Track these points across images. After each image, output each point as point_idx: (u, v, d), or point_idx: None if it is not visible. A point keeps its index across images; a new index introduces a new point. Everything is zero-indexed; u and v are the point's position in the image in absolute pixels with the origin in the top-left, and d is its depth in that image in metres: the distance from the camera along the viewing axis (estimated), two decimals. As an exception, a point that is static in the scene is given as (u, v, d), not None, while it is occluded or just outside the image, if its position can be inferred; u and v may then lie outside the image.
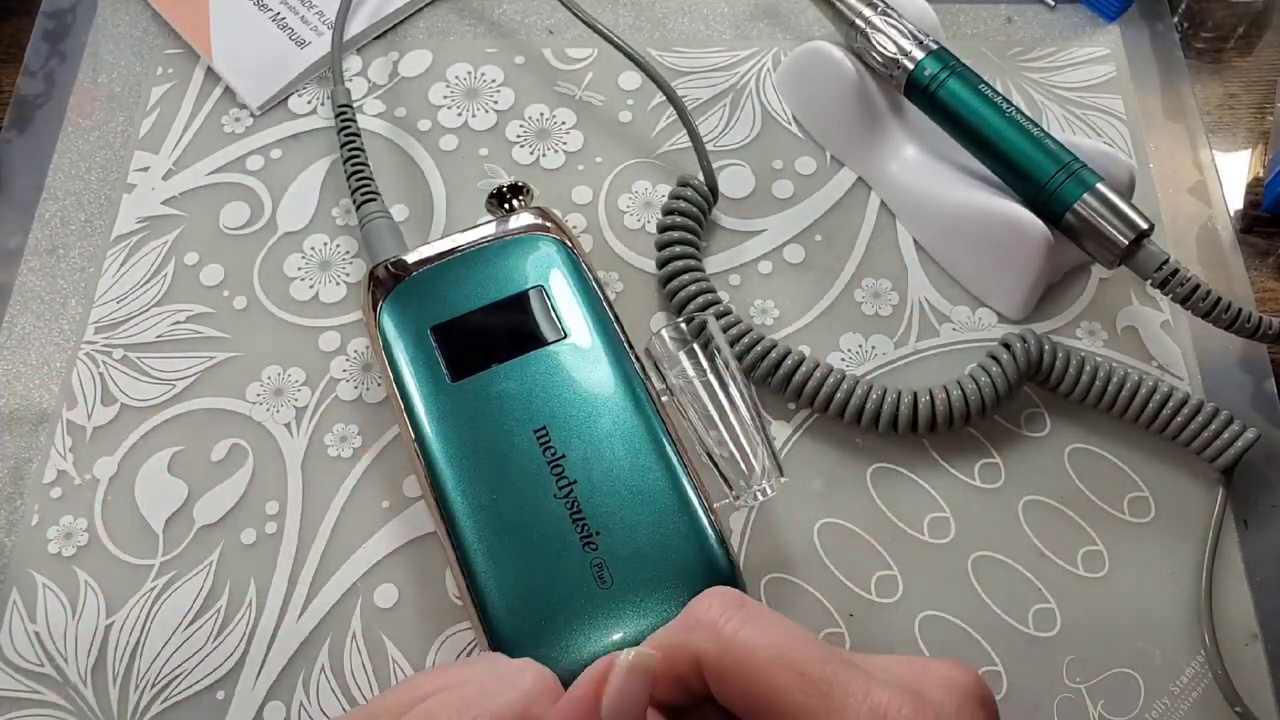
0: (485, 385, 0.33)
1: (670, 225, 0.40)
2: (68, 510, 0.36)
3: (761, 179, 0.43)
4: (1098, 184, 0.36)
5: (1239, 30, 0.47)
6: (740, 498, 0.33)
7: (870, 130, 0.41)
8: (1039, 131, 0.37)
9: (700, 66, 0.45)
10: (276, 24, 0.46)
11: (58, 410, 0.38)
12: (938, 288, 0.40)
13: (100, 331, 0.39)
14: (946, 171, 0.40)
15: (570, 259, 0.36)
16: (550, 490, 0.32)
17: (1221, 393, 0.38)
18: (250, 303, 0.40)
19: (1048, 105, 0.44)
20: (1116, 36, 0.46)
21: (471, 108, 0.44)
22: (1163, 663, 0.34)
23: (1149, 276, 0.36)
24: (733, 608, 0.23)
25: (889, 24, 0.39)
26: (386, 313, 0.35)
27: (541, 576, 0.31)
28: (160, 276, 0.40)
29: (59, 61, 0.45)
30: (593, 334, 0.34)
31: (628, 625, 0.30)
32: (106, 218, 0.41)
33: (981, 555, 0.36)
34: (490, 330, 0.34)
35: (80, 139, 0.43)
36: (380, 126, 0.43)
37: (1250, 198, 0.43)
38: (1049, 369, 0.37)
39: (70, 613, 0.34)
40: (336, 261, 0.41)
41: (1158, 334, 0.39)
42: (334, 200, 0.42)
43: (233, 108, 0.44)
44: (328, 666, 0.34)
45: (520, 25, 0.46)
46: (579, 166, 0.43)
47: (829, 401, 0.36)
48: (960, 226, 0.39)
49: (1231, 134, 0.45)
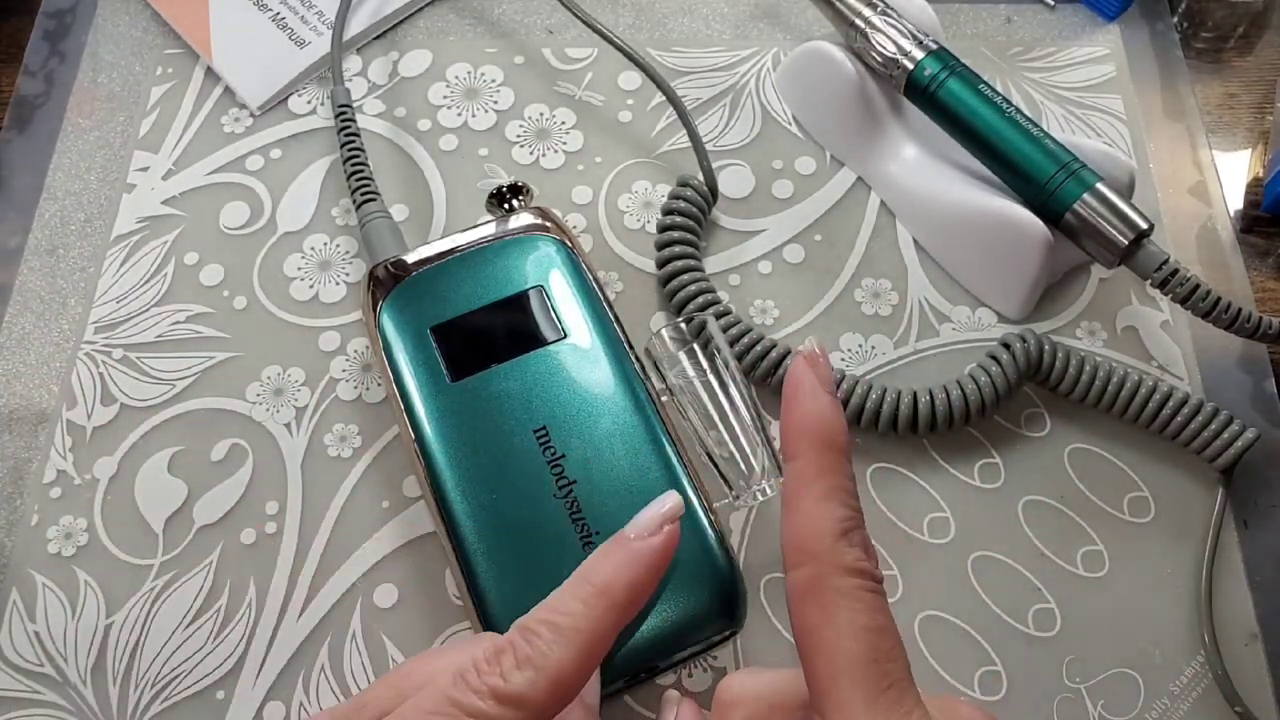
0: (485, 385, 0.33)
1: (670, 225, 0.40)
2: (67, 510, 0.36)
3: (761, 179, 0.43)
4: (1097, 184, 0.36)
5: (1239, 30, 0.47)
6: (740, 498, 0.33)
7: (870, 130, 0.41)
8: (1039, 131, 0.37)
9: (700, 66, 0.45)
10: (276, 24, 0.46)
11: (57, 410, 0.38)
12: (938, 288, 0.40)
13: (100, 331, 0.39)
14: (946, 171, 0.40)
15: (570, 259, 0.36)
16: (550, 490, 0.32)
17: (1221, 393, 0.38)
18: (250, 303, 0.40)
19: (1047, 105, 0.44)
20: (1116, 36, 0.46)
21: (471, 108, 0.44)
22: (1162, 663, 0.34)
23: (1149, 276, 0.36)
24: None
25: (889, 24, 0.39)
26: (386, 313, 0.35)
27: (541, 576, 0.31)
28: (160, 276, 0.40)
29: (59, 61, 0.45)
30: (593, 334, 0.34)
31: (628, 625, 0.30)
32: (106, 217, 0.41)
33: (981, 555, 0.36)
34: (490, 330, 0.34)
35: (80, 139, 0.43)
36: (380, 126, 0.44)
37: (1250, 198, 0.43)
38: (1049, 369, 0.37)
39: (70, 613, 0.34)
40: (336, 261, 0.41)
41: (1158, 334, 0.39)
42: (334, 200, 0.42)
43: (232, 107, 0.44)
44: (327, 666, 0.34)
45: (520, 25, 0.46)
46: (579, 166, 0.43)
47: (829, 401, 0.36)
48: (960, 226, 0.39)
49: (1231, 134, 0.45)
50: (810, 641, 0.23)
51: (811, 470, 0.24)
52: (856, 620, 0.22)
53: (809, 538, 0.23)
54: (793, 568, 0.24)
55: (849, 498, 0.24)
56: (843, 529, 0.23)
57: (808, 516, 0.24)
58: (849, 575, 0.23)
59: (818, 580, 0.23)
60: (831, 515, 0.23)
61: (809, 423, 0.24)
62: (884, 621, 0.23)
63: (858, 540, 0.23)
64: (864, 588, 0.23)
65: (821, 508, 0.23)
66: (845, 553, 0.23)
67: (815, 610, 0.23)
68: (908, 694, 0.22)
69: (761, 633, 0.34)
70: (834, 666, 0.22)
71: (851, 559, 0.23)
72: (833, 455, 0.24)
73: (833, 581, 0.23)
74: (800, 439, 0.24)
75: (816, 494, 0.24)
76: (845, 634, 0.22)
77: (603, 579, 0.25)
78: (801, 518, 0.24)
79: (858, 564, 0.23)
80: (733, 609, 0.31)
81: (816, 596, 0.23)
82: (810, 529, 0.23)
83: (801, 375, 0.25)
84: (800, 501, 0.24)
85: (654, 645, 0.30)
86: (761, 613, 0.35)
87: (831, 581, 0.23)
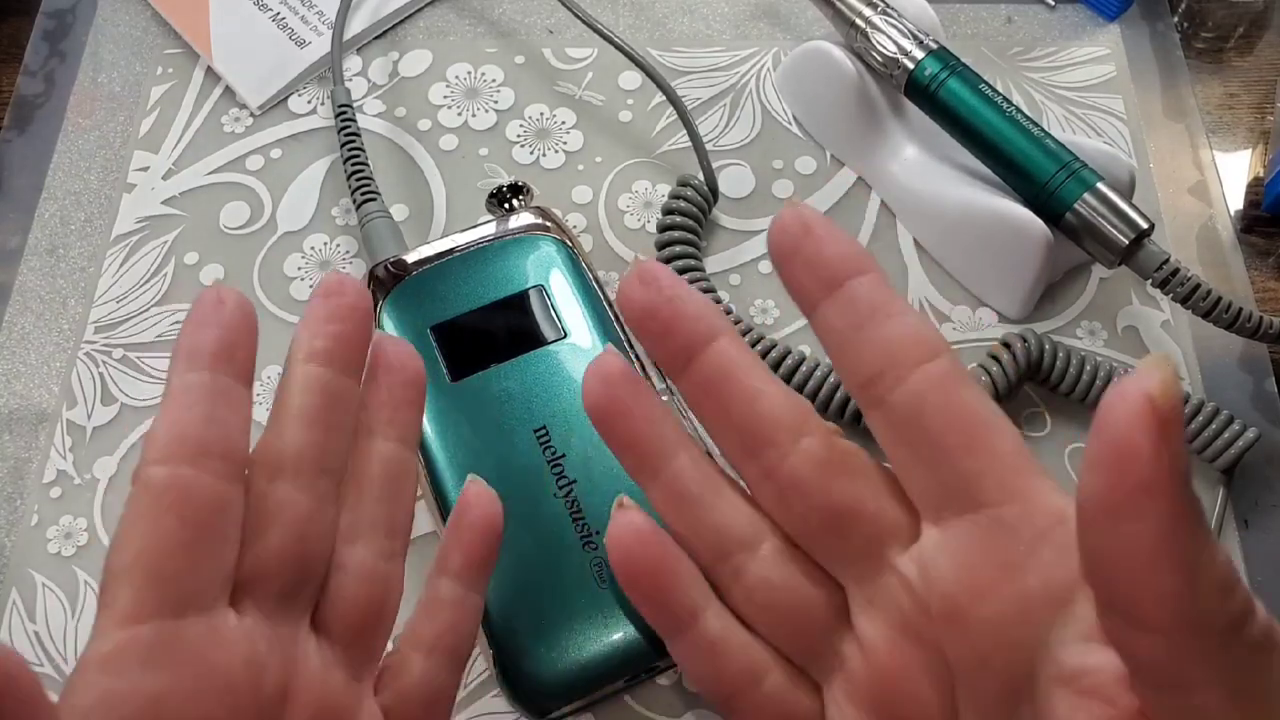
0: (485, 385, 0.33)
1: (670, 225, 0.40)
2: (67, 510, 0.36)
3: (761, 179, 0.42)
4: (1098, 183, 0.36)
5: (1239, 30, 0.47)
6: (740, 497, 0.33)
7: (870, 130, 0.41)
8: (1039, 131, 0.37)
9: (700, 66, 0.45)
10: (276, 24, 0.46)
11: (57, 410, 0.38)
12: (938, 288, 0.40)
13: (100, 331, 0.39)
14: (946, 171, 0.40)
15: (570, 259, 0.36)
16: (550, 490, 0.32)
17: (1221, 392, 0.38)
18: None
19: (1048, 105, 0.44)
20: (1116, 36, 0.46)
21: (471, 107, 0.44)
22: (1163, 663, 0.34)
23: (1149, 276, 0.36)
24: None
25: (889, 24, 0.39)
26: (386, 312, 0.35)
27: (541, 576, 0.31)
28: (160, 276, 0.40)
29: (59, 61, 0.45)
30: (593, 334, 0.34)
31: (628, 624, 0.30)
32: (106, 217, 0.41)
33: (982, 555, 0.35)
34: (490, 330, 0.34)
35: (80, 139, 0.43)
36: (380, 126, 0.43)
37: (1250, 197, 0.43)
38: (1049, 369, 0.36)
39: (70, 613, 0.34)
40: (336, 261, 0.41)
41: (1158, 334, 0.39)
42: (334, 200, 0.42)
43: (233, 107, 0.44)
44: (327, 666, 0.34)
45: (520, 25, 0.46)
46: (579, 166, 0.43)
47: (829, 401, 0.36)
48: (960, 226, 0.39)
49: (1232, 134, 0.45)
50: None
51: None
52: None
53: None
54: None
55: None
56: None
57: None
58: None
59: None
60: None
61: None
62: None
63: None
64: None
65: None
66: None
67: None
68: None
69: (762, 633, 0.34)
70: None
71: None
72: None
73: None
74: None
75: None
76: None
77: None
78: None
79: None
80: (733, 609, 0.31)
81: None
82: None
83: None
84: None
85: (654, 644, 0.30)
86: (762, 613, 0.35)
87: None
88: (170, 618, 0.21)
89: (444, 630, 0.27)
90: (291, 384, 0.25)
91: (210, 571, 0.22)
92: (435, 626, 0.27)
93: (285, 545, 0.24)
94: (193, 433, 0.22)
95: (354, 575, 0.25)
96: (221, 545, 0.23)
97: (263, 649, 0.23)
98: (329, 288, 0.26)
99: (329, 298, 0.26)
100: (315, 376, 0.25)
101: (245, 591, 0.23)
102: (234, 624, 0.23)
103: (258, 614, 0.23)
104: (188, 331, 0.24)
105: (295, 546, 0.24)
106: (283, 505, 0.24)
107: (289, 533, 0.24)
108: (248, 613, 0.23)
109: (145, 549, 0.22)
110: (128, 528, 0.22)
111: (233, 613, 0.23)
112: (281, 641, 0.23)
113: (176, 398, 0.23)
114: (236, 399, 0.24)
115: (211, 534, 0.22)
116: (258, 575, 0.23)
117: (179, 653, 0.21)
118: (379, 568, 0.26)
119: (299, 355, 0.25)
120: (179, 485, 0.22)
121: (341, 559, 0.25)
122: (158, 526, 0.22)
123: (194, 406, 0.23)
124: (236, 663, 0.22)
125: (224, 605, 0.23)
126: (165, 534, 0.22)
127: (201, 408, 0.23)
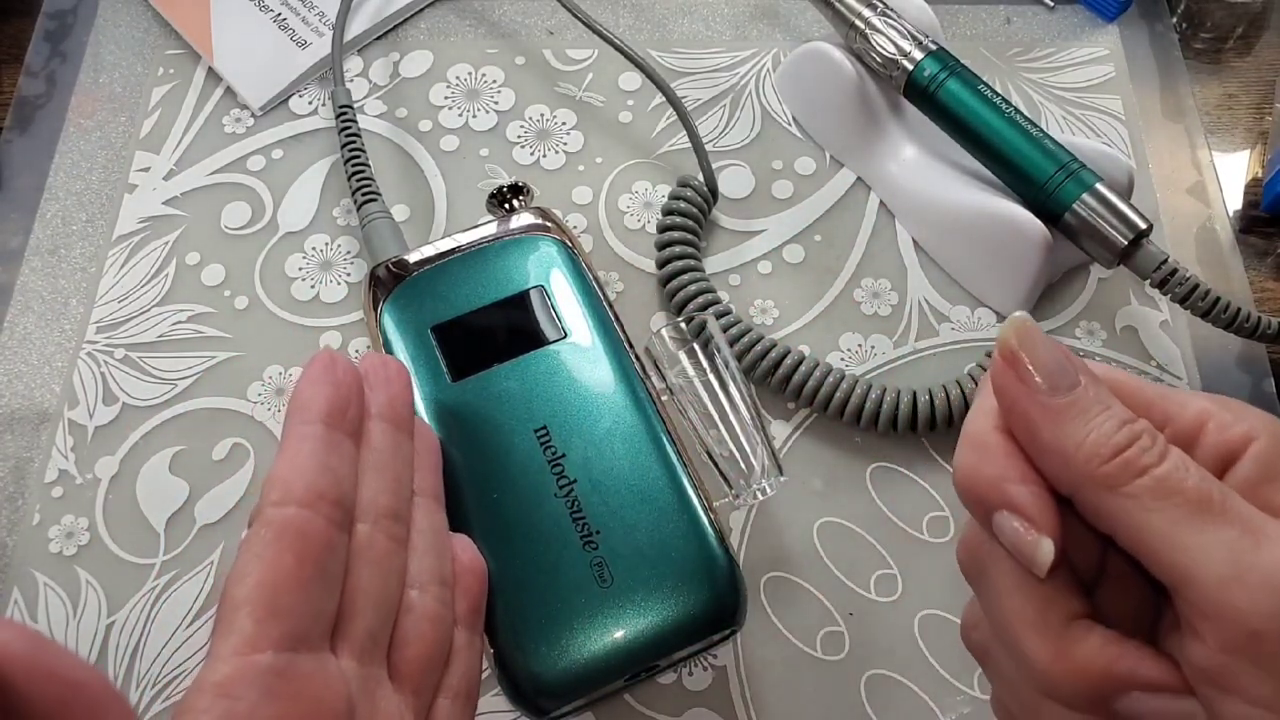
0: (486, 385, 0.33)
1: (670, 225, 0.40)
2: (69, 509, 0.36)
3: (761, 179, 0.43)
4: (1097, 184, 0.36)
5: (1238, 30, 0.48)
6: (740, 496, 0.33)
7: (870, 130, 0.41)
8: (1038, 132, 0.37)
9: (700, 67, 0.45)
10: (277, 24, 0.46)
11: (59, 410, 0.38)
12: (937, 288, 0.40)
13: (101, 331, 0.39)
14: (946, 171, 0.40)
15: (570, 259, 0.36)
16: (550, 489, 0.32)
17: (1220, 392, 0.38)
18: (251, 302, 0.40)
19: (1047, 105, 0.44)
20: (1115, 37, 0.46)
21: (472, 108, 0.44)
22: (1162, 661, 0.34)
23: (1148, 276, 0.36)
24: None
25: (888, 24, 0.39)
26: (387, 312, 0.35)
27: (542, 575, 0.31)
28: (161, 276, 0.40)
29: (60, 62, 0.45)
30: (593, 334, 0.34)
31: (628, 624, 0.30)
32: (108, 218, 0.42)
33: (981, 554, 0.36)
34: (491, 330, 0.35)
35: (81, 139, 0.43)
36: (381, 127, 0.44)
37: (1249, 198, 0.43)
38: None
39: (71, 612, 0.34)
40: (337, 261, 0.41)
41: (1157, 334, 0.40)
42: (335, 200, 0.42)
43: (234, 108, 0.44)
44: (329, 665, 0.34)
45: (521, 26, 0.46)
46: (579, 167, 0.43)
47: (828, 401, 0.36)
48: (960, 226, 0.39)
49: (1230, 134, 0.45)
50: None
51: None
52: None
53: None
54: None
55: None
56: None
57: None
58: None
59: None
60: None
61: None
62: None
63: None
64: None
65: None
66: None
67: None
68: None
69: (761, 631, 0.34)
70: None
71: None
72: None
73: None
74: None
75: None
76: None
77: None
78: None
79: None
80: (733, 608, 0.31)
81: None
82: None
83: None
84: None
85: (654, 644, 0.30)
86: (761, 611, 0.35)
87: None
88: (286, 650, 0.23)
89: (464, 672, 0.28)
90: (368, 438, 0.27)
91: (319, 609, 0.24)
92: (455, 670, 0.28)
93: (372, 583, 0.25)
94: (309, 479, 0.24)
95: (421, 617, 0.26)
96: (331, 585, 0.24)
97: (356, 690, 0.24)
98: (382, 363, 0.30)
99: (383, 367, 0.30)
100: (384, 431, 0.28)
101: (339, 634, 0.24)
102: (334, 664, 0.24)
103: (349, 657, 0.24)
104: (303, 387, 0.26)
105: (379, 584, 0.25)
106: (364, 546, 0.25)
107: (375, 571, 0.25)
108: (343, 655, 0.24)
109: (264, 582, 0.23)
110: (248, 561, 0.23)
111: (332, 655, 0.24)
112: (367, 684, 0.24)
113: (293, 446, 0.25)
114: (346, 452, 0.26)
115: (323, 573, 0.24)
116: (350, 614, 0.25)
117: (294, 685, 0.22)
118: (442, 613, 0.27)
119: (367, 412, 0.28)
120: (296, 525, 0.24)
121: (409, 602, 0.27)
122: (278, 562, 0.23)
123: (310, 456, 0.25)
124: (340, 703, 0.23)
125: (327, 645, 0.24)
126: (283, 570, 0.23)
127: (317, 457, 0.25)
